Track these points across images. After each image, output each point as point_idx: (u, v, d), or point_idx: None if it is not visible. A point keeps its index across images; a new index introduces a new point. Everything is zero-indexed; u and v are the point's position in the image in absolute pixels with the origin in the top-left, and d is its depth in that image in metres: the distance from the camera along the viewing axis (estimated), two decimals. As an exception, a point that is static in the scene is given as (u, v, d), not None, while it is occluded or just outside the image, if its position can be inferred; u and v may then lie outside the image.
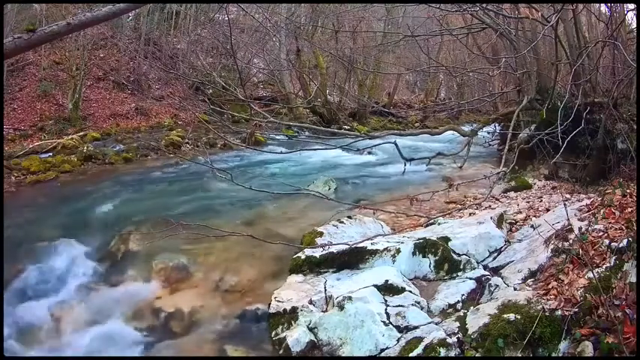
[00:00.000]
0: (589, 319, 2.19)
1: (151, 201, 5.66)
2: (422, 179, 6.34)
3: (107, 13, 2.62)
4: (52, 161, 7.26)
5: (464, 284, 3.07)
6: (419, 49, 8.93)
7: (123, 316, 3.28)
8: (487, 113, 11.74)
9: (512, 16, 5.93)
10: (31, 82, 10.30)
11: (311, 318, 2.86)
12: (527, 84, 6.27)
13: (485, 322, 2.41)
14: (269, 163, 7.69)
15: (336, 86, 14.84)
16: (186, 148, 8.94)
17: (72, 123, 9.48)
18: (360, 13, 12.23)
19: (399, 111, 15.57)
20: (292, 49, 13.53)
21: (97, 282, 3.74)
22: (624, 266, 2.37)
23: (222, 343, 2.94)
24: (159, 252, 3.82)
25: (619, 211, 2.88)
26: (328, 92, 13.95)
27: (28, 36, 2.37)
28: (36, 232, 4.48)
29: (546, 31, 3.99)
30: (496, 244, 3.48)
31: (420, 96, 19.24)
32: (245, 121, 9.58)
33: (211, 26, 13.93)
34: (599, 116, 4.96)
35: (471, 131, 5.44)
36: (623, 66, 4.54)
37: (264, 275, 3.57)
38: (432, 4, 5.26)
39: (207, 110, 10.59)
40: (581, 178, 5.18)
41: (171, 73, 12.04)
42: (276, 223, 4.59)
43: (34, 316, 3.36)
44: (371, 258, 3.37)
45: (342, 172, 7.18)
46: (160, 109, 11.67)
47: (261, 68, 14.06)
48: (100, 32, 11.51)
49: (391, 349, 2.54)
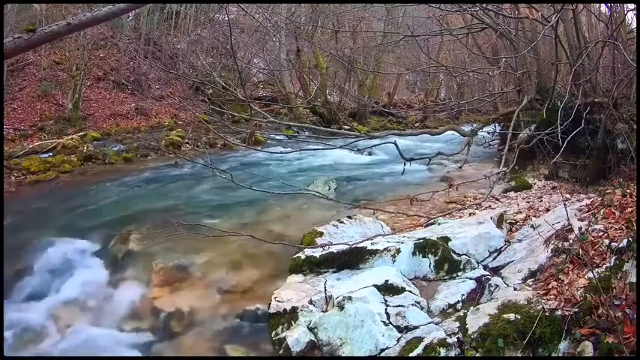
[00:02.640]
0: (589, 319, 2.18)
1: (151, 201, 5.66)
2: (422, 179, 6.35)
3: (107, 13, 2.62)
4: (52, 161, 7.26)
5: (464, 284, 3.07)
6: (419, 49, 8.94)
7: (123, 316, 3.28)
8: (487, 113, 11.75)
9: (512, 16, 5.93)
10: (31, 82, 10.30)
11: (311, 318, 2.86)
12: (527, 84, 6.27)
13: (485, 322, 2.41)
14: (269, 163, 7.69)
15: (336, 86, 14.85)
16: (186, 148, 8.94)
17: (72, 123, 9.49)
18: (360, 13, 12.21)
19: (399, 111, 15.58)
20: (292, 49, 13.53)
21: (97, 282, 3.73)
22: (624, 266, 2.37)
23: (222, 343, 2.94)
24: (159, 252, 3.82)
25: (619, 211, 2.88)
26: (328, 92, 13.95)
27: (28, 36, 2.37)
28: (36, 232, 4.48)
29: (546, 31, 3.98)
30: (496, 244, 3.48)
31: (420, 96, 19.24)
32: (245, 121, 9.58)
33: (211, 26, 13.93)
34: (599, 116, 4.96)
35: (471, 131, 5.43)
36: (623, 66, 4.54)
37: (264, 275, 3.57)
38: (432, 4, 5.26)
39: (207, 110, 10.60)
40: (581, 178, 5.18)
41: (171, 73, 12.04)
42: (276, 223, 4.60)
43: (34, 316, 3.36)
44: (371, 258, 3.37)
45: (342, 172, 7.18)
46: (160, 109, 11.67)
47: (261, 68, 14.06)
48: (100, 32, 11.51)
49: (391, 349, 2.54)
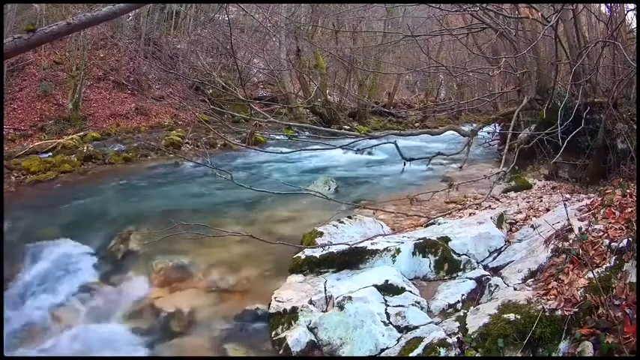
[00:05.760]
0: (589, 319, 2.18)
1: (151, 201, 5.66)
2: (422, 179, 6.35)
3: (107, 13, 2.62)
4: (52, 161, 7.26)
5: (464, 284, 3.07)
6: (419, 49, 8.92)
7: (123, 316, 3.28)
8: (487, 113, 11.73)
9: (512, 16, 5.93)
10: (31, 82, 10.30)
11: (311, 318, 2.85)
12: (527, 84, 6.26)
13: (485, 322, 2.41)
14: (269, 163, 7.69)
15: (336, 86, 14.83)
16: (186, 148, 8.94)
17: (72, 123, 9.49)
18: (360, 13, 12.21)
19: (399, 111, 15.55)
20: (292, 49, 13.52)
21: (97, 282, 3.74)
22: (624, 266, 2.37)
23: (222, 343, 2.94)
24: (159, 252, 3.82)
25: (619, 211, 2.88)
26: (328, 92, 13.95)
27: (28, 36, 2.37)
28: (36, 232, 4.48)
29: (546, 31, 3.98)
30: (496, 244, 3.48)
31: (420, 96, 19.23)
32: (245, 121, 9.58)
33: (211, 26, 13.92)
34: (599, 116, 4.96)
35: (471, 131, 5.42)
36: (623, 66, 4.54)
37: (264, 275, 3.57)
38: (432, 4, 5.26)
39: (207, 110, 10.59)
40: (581, 178, 5.18)
41: (171, 73, 12.04)
42: (276, 223, 4.59)
43: (34, 316, 3.36)
44: (371, 258, 3.37)
45: (342, 172, 7.18)
46: (160, 109, 11.67)
47: (261, 68, 14.04)
48: (100, 32, 11.52)
49: (391, 349, 2.54)
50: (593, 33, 7.35)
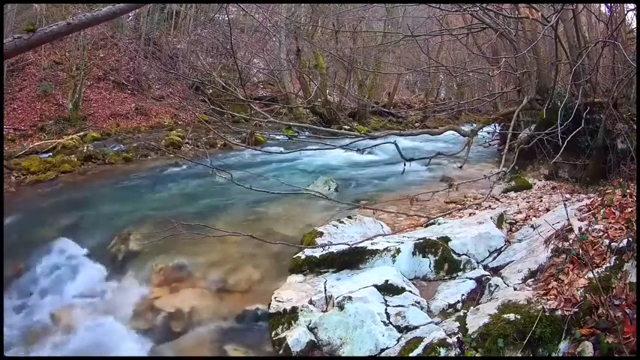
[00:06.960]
0: (589, 319, 2.18)
1: (151, 201, 5.66)
2: (422, 179, 6.34)
3: (107, 13, 2.62)
4: (52, 161, 7.26)
5: (464, 284, 3.07)
6: (419, 49, 8.92)
7: (123, 316, 3.28)
8: (487, 113, 11.73)
9: (512, 16, 5.93)
10: (31, 82, 10.30)
11: (311, 318, 2.86)
12: (527, 84, 6.26)
13: (485, 322, 2.41)
14: (269, 163, 7.68)
15: (336, 86, 14.83)
16: (186, 148, 8.94)
17: (72, 123, 9.49)
18: (360, 13, 12.21)
19: (399, 111, 15.54)
20: (292, 49, 13.51)
21: (97, 282, 3.74)
22: (624, 266, 2.37)
23: (222, 343, 2.94)
24: (159, 252, 3.82)
25: (619, 211, 2.88)
26: (328, 92, 13.94)
27: (28, 36, 2.37)
28: (36, 232, 4.48)
29: (546, 31, 3.98)
30: (496, 244, 3.48)
31: (420, 96, 19.22)
32: (245, 121, 9.57)
33: (211, 26, 13.92)
34: (599, 116, 4.96)
35: (471, 131, 5.42)
36: (623, 66, 4.54)
37: (264, 275, 3.57)
38: (432, 4, 5.26)
39: (207, 110, 10.58)
40: (581, 178, 5.18)
41: (171, 73, 12.04)
42: (276, 223, 4.59)
43: (34, 316, 3.37)
44: (371, 258, 3.37)
45: (342, 172, 7.17)
46: (160, 109, 11.67)
47: (261, 68, 14.04)
48: (100, 32, 11.52)
49: (391, 349, 2.54)
50: (593, 33, 7.35)
